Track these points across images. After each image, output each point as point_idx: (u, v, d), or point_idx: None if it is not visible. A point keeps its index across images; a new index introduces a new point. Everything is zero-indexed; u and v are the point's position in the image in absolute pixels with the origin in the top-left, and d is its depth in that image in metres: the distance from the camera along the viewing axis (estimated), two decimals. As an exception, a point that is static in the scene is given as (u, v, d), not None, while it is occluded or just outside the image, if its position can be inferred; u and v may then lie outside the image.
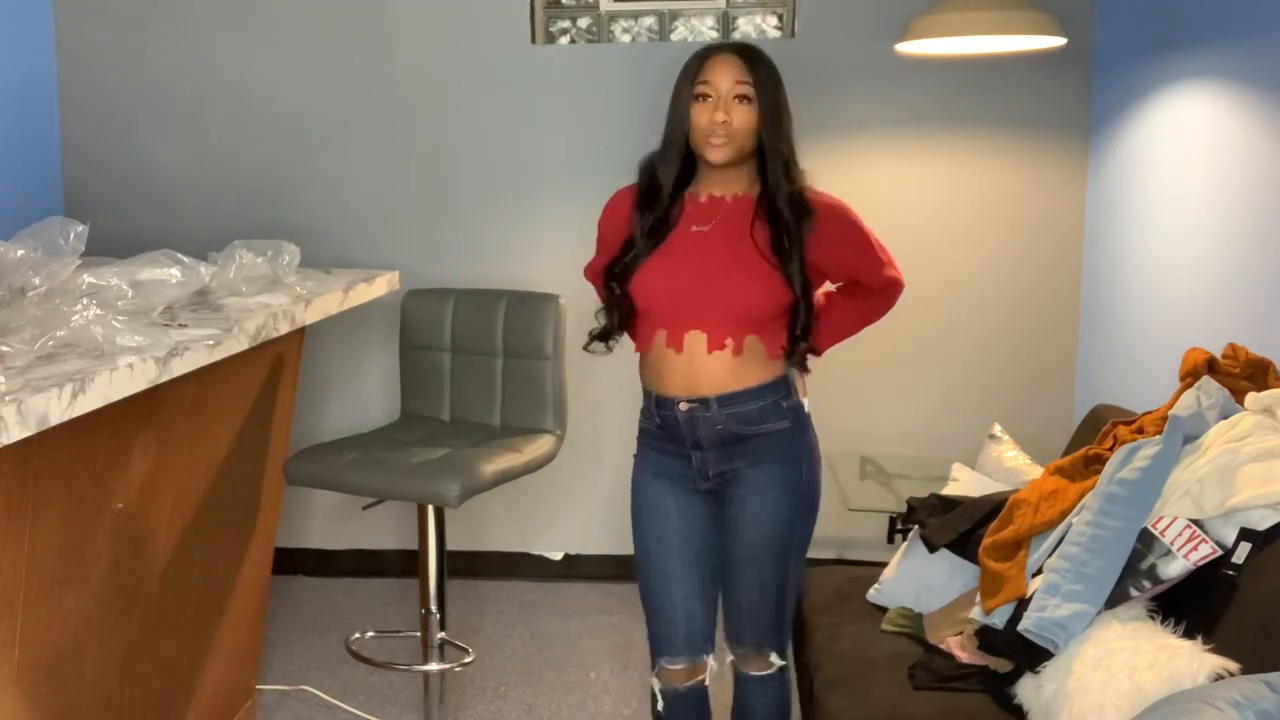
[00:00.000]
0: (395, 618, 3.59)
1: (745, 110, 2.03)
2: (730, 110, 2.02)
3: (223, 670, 2.69)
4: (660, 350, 2.12)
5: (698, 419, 2.10)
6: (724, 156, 2.04)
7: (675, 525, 2.19)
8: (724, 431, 2.10)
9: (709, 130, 2.03)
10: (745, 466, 2.12)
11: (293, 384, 2.81)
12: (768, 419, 2.10)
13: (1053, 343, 3.69)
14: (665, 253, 2.11)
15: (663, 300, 2.10)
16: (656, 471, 2.20)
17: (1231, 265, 2.62)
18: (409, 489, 2.59)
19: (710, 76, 2.04)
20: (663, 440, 2.18)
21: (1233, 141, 2.63)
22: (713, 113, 2.02)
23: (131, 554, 2.19)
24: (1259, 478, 1.85)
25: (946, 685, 2.15)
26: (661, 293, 2.10)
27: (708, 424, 2.10)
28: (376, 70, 3.74)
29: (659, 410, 2.15)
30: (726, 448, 2.12)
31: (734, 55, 2.05)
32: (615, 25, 3.70)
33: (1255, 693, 1.47)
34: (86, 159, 3.86)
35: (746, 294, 2.05)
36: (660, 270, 2.11)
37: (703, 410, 2.09)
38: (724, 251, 2.07)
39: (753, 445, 2.11)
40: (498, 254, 3.77)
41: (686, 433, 2.13)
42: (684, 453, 2.15)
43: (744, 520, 2.14)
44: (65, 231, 1.99)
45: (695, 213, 2.11)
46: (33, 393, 1.48)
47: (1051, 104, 3.57)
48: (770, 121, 2.04)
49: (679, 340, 2.09)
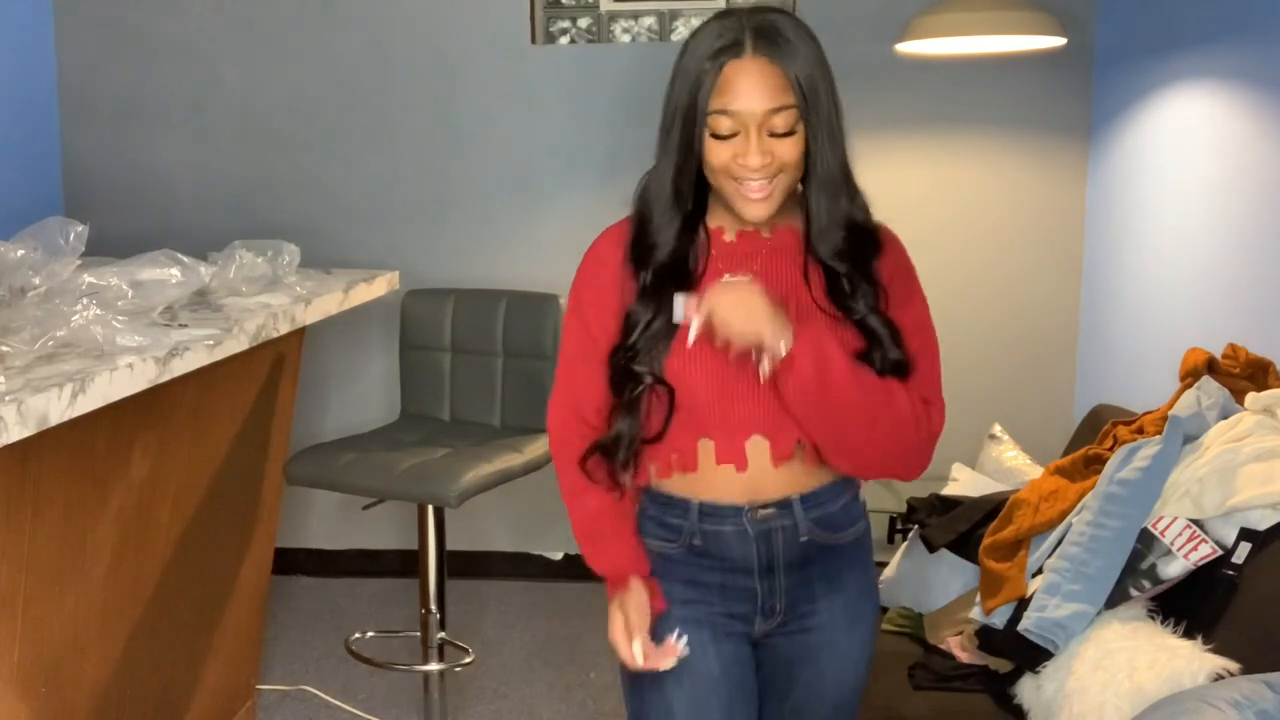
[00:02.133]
0: (395, 618, 3.59)
1: (788, 141, 1.41)
2: (768, 145, 1.40)
3: (223, 670, 2.69)
4: (708, 470, 1.51)
5: (774, 531, 1.52)
6: (767, 210, 1.44)
7: (722, 696, 1.55)
8: (808, 545, 1.53)
9: (740, 174, 1.41)
10: (824, 593, 1.57)
11: (293, 384, 2.81)
12: (851, 519, 1.58)
13: (1053, 343, 3.69)
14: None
15: (706, 394, 1.47)
16: (691, 602, 1.56)
17: (1231, 265, 2.62)
18: (409, 489, 2.58)
19: (730, 100, 1.39)
20: (696, 568, 1.55)
21: (1233, 141, 2.63)
22: (741, 154, 1.40)
23: (131, 554, 2.19)
24: (1259, 478, 1.85)
25: (946, 685, 2.15)
26: (703, 383, 1.47)
27: (789, 537, 1.52)
28: (377, 70, 3.74)
29: (703, 523, 1.52)
30: (806, 569, 1.55)
31: (762, 58, 1.40)
32: (615, 25, 3.70)
33: (1255, 693, 1.47)
34: (86, 159, 3.86)
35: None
36: (694, 349, 1.44)
37: (782, 518, 1.51)
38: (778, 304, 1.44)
39: (835, 560, 1.57)
40: (498, 254, 3.77)
41: (758, 552, 1.52)
42: (738, 584, 1.54)
43: (830, 671, 1.59)
44: (65, 231, 1.99)
45: (724, 255, 1.50)
46: (33, 393, 1.48)
47: (1051, 104, 3.57)
48: (828, 136, 1.43)
49: (738, 452, 1.49)
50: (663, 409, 1.49)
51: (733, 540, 1.52)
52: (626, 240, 1.52)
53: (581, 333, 1.56)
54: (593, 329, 1.54)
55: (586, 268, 1.57)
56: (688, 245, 1.49)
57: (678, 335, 1.45)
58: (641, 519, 1.59)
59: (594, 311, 1.54)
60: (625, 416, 1.50)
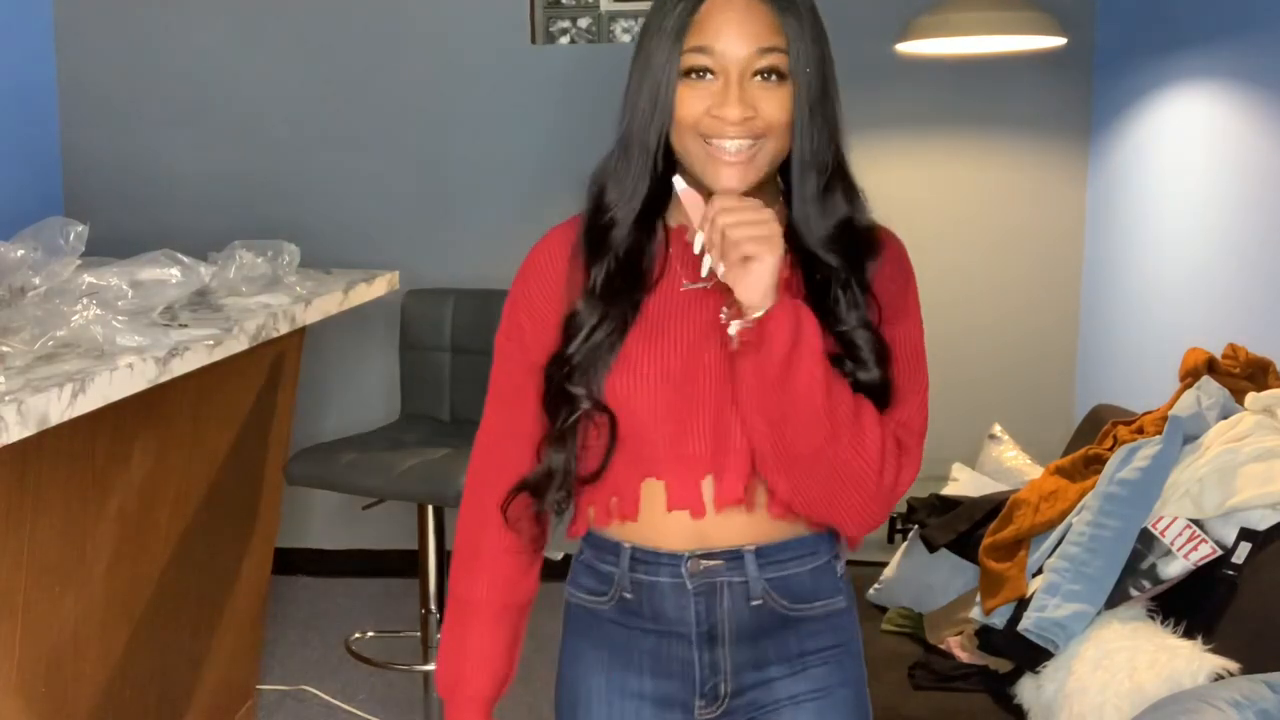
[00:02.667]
0: (395, 618, 3.58)
1: (775, 93, 1.16)
2: (751, 96, 1.15)
3: (223, 670, 2.69)
4: (656, 517, 1.24)
5: (718, 588, 1.23)
6: (744, 178, 1.16)
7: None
8: (762, 611, 1.24)
9: (712, 130, 1.15)
10: (784, 679, 1.26)
11: (293, 384, 2.80)
12: (822, 591, 1.27)
13: (1053, 343, 3.68)
14: (646, 329, 1.22)
15: (657, 421, 1.20)
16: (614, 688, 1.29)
17: (1231, 265, 2.62)
18: (409, 489, 2.58)
19: (710, 37, 1.14)
20: (627, 631, 1.27)
21: (1232, 141, 2.63)
22: (719, 103, 1.14)
23: (131, 554, 2.19)
24: (1259, 478, 1.85)
25: (946, 685, 2.15)
26: (654, 406, 1.20)
27: (735, 597, 1.23)
28: (376, 70, 3.74)
29: (634, 572, 1.25)
30: (759, 642, 1.25)
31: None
32: (615, 25, 3.70)
33: (1255, 693, 1.47)
34: (86, 159, 3.85)
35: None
36: (644, 363, 1.21)
37: (730, 572, 1.23)
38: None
39: (798, 638, 1.26)
40: (498, 254, 3.75)
41: (696, 613, 1.24)
42: (674, 653, 1.26)
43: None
44: (65, 231, 1.99)
45: (684, 260, 1.23)
46: (33, 393, 1.48)
47: (1051, 104, 3.57)
48: (812, 106, 1.18)
49: (692, 495, 1.22)
50: (602, 441, 1.22)
51: (668, 594, 1.23)
52: (574, 241, 1.27)
53: (519, 357, 1.28)
54: (532, 352, 1.27)
55: (523, 275, 1.31)
56: (644, 241, 1.24)
57: (623, 352, 1.20)
58: (575, 565, 1.33)
59: (534, 332, 1.27)
60: (558, 448, 1.23)
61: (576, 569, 1.32)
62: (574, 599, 1.32)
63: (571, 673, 1.34)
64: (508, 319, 1.31)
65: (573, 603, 1.33)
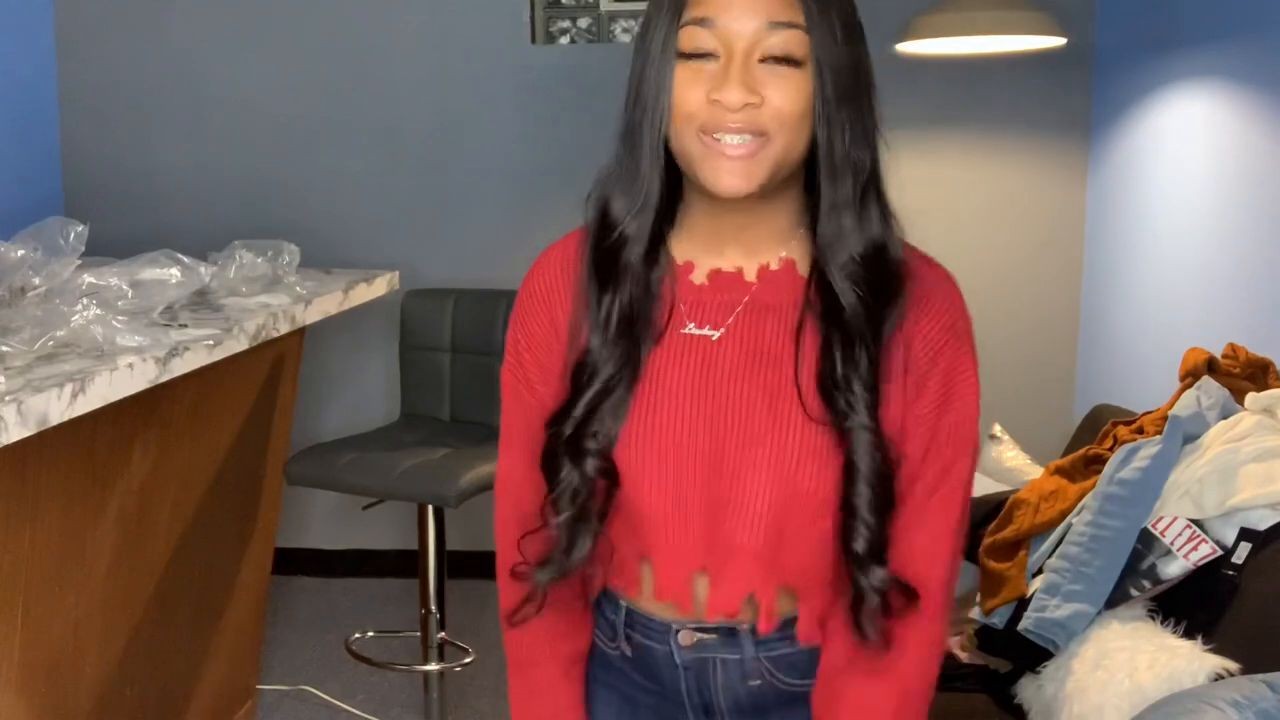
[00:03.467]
0: (395, 618, 3.59)
1: (788, 80, 0.99)
2: (756, 80, 0.98)
3: (223, 670, 2.69)
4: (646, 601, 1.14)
5: (710, 664, 1.13)
6: (746, 181, 0.99)
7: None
8: (762, 690, 1.14)
9: (710, 121, 0.98)
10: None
11: (293, 384, 2.80)
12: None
13: (1053, 343, 3.68)
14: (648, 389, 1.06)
15: (657, 499, 1.05)
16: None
17: (1231, 265, 2.62)
18: (409, 489, 2.58)
19: (712, 8, 0.98)
20: (631, 683, 1.20)
21: (1232, 141, 2.63)
22: (718, 86, 0.97)
23: (131, 554, 2.19)
24: (1259, 478, 1.85)
25: (946, 685, 2.15)
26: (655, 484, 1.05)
27: (730, 675, 1.13)
28: (376, 70, 3.74)
29: (630, 631, 1.16)
30: (763, 717, 1.17)
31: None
32: (615, 25, 3.70)
33: (1255, 693, 1.47)
34: (86, 159, 3.85)
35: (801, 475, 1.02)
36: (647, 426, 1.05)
37: (725, 649, 1.12)
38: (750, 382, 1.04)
39: (804, 715, 1.13)
40: (498, 254, 3.76)
41: (687, 686, 1.15)
42: (674, 714, 1.19)
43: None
44: (65, 231, 1.99)
45: (692, 302, 1.08)
46: (33, 393, 1.48)
47: (1051, 104, 3.57)
48: (839, 97, 1.02)
49: (680, 588, 1.09)
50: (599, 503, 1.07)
51: (661, 663, 1.14)
52: (574, 260, 1.12)
53: (527, 397, 1.14)
54: (537, 387, 1.13)
55: (520, 309, 1.16)
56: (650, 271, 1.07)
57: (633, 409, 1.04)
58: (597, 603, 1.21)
59: (537, 368, 1.13)
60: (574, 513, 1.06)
61: (596, 604, 1.21)
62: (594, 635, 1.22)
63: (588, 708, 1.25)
64: (510, 354, 1.16)
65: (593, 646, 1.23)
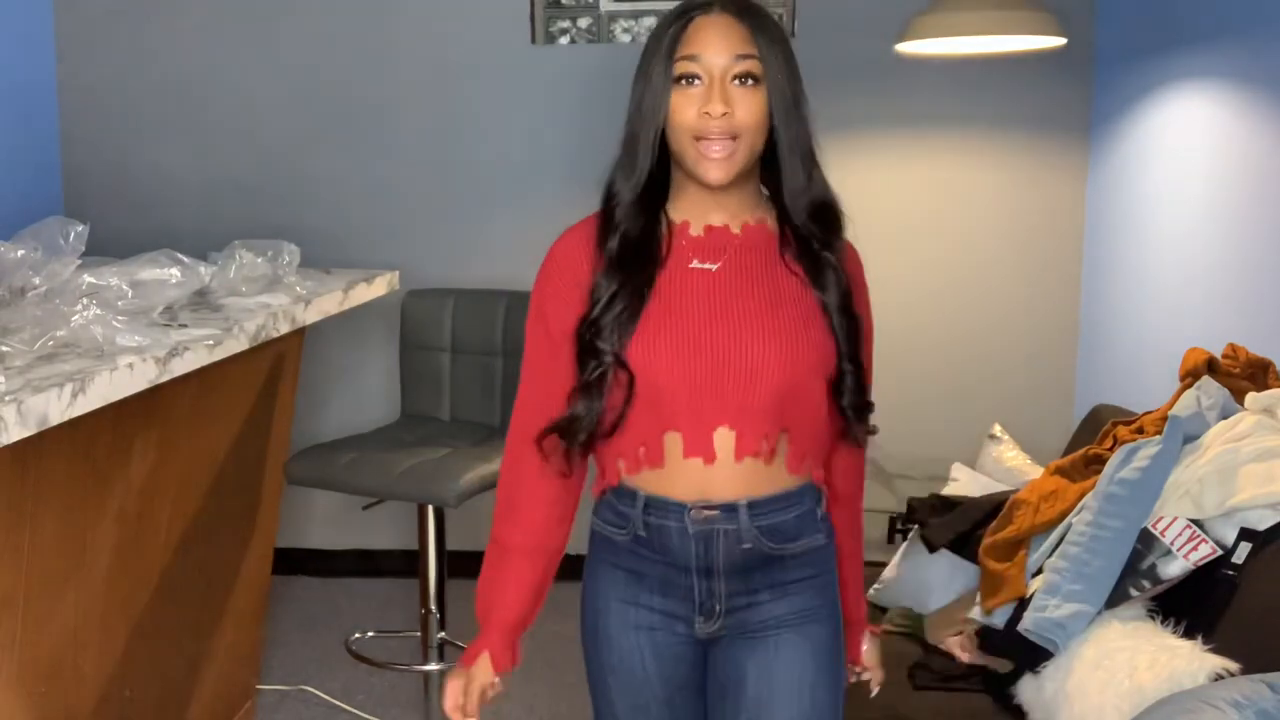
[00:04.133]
0: (395, 618, 3.59)
1: (750, 96, 1.41)
2: (729, 97, 1.40)
3: (223, 670, 2.69)
4: (675, 464, 1.46)
5: (714, 534, 1.46)
6: (725, 175, 1.42)
7: (659, 697, 1.55)
8: (751, 552, 1.48)
9: (700, 129, 1.40)
10: (770, 601, 1.51)
11: (293, 384, 2.81)
12: (804, 532, 1.51)
13: (1053, 343, 3.69)
14: (661, 304, 1.45)
15: (675, 382, 1.42)
16: (629, 599, 1.54)
17: (1231, 265, 2.62)
18: (409, 489, 2.59)
19: (697, 48, 1.41)
20: (640, 559, 1.52)
21: (1232, 141, 2.63)
22: (704, 102, 1.40)
23: (131, 554, 2.19)
24: (1259, 478, 1.85)
25: (946, 685, 2.15)
26: (671, 369, 1.42)
27: (729, 542, 1.47)
28: (376, 70, 3.74)
29: (647, 516, 1.49)
30: (749, 574, 1.50)
31: (728, 15, 1.43)
32: (615, 25, 3.70)
33: (1255, 693, 1.47)
34: (86, 159, 3.86)
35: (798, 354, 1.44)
36: (661, 332, 1.44)
37: (725, 521, 1.46)
38: (751, 296, 1.45)
39: (782, 569, 1.50)
40: (498, 254, 3.76)
41: (695, 552, 1.48)
42: (676, 580, 1.51)
43: (779, 670, 1.50)
44: (65, 231, 1.99)
45: (692, 246, 1.48)
46: (33, 393, 1.48)
47: (1051, 104, 3.57)
48: (787, 107, 1.43)
49: (705, 444, 1.44)
50: (621, 397, 1.44)
51: (673, 536, 1.48)
52: (591, 234, 1.50)
53: (544, 338, 1.51)
54: (553, 332, 1.49)
55: (545, 268, 1.53)
56: (651, 226, 1.47)
57: (643, 320, 1.43)
58: (599, 505, 1.56)
59: (555, 313, 1.49)
60: (584, 398, 1.45)
61: (601, 506, 1.56)
62: (598, 528, 1.57)
63: (595, 586, 1.59)
64: (534, 307, 1.53)
65: (597, 531, 1.57)
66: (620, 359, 1.42)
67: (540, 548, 1.58)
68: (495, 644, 1.59)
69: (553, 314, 1.50)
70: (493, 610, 1.60)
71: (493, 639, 1.59)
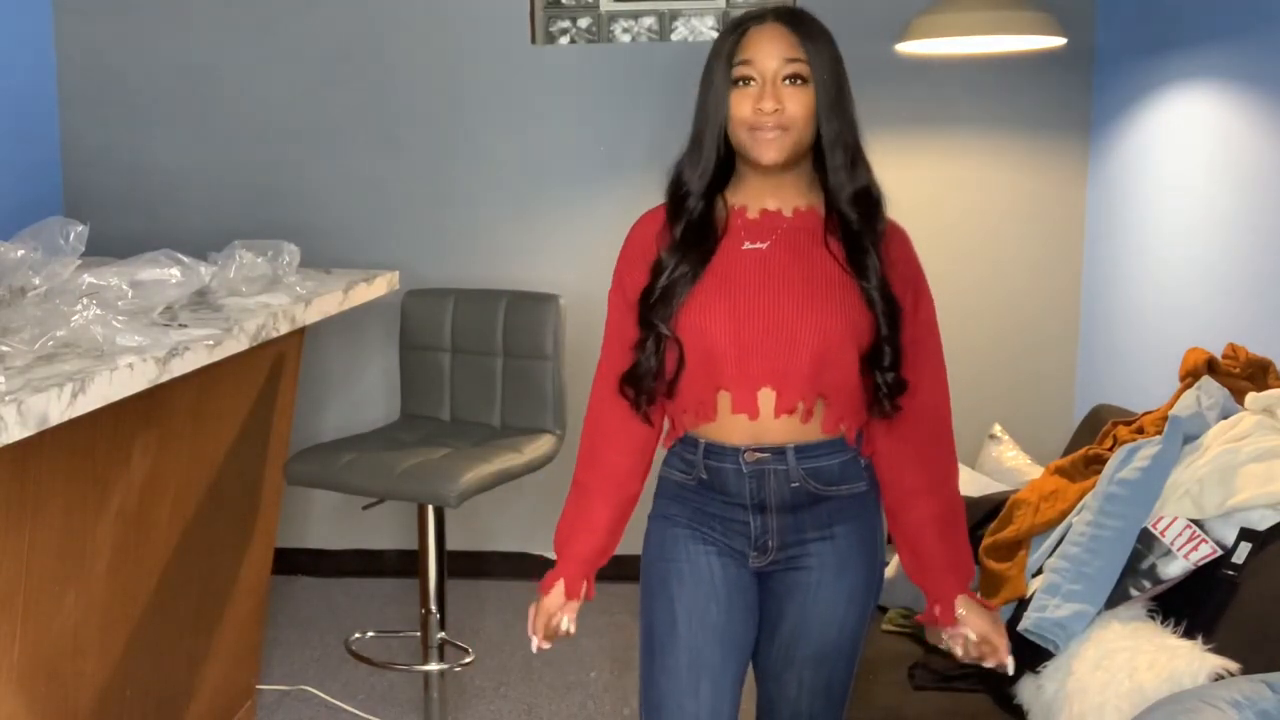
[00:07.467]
0: (395, 618, 3.59)
1: (799, 94, 1.61)
2: (780, 95, 1.61)
3: (223, 670, 2.69)
4: (725, 418, 1.68)
5: (766, 473, 1.67)
6: (778, 155, 1.62)
7: (721, 598, 1.71)
8: (800, 490, 1.68)
9: (754, 122, 1.61)
10: (817, 539, 1.71)
11: (293, 384, 2.81)
12: (848, 478, 1.70)
13: (1053, 343, 3.69)
14: (717, 278, 1.66)
15: (725, 345, 1.63)
16: (693, 532, 1.74)
17: (1231, 265, 2.62)
18: (409, 489, 2.58)
19: (752, 54, 1.62)
20: (704, 499, 1.73)
21: (1232, 141, 2.63)
22: (758, 100, 1.60)
23: (131, 554, 2.19)
24: (1259, 478, 1.85)
25: (946, 685, 2.15)
26: (723, 334, 1.63)
27: (779, 480, 1.67)
28: (377, 70, 3.74)
29: (707, 460, 1.70)
30: (798, 513, 1.70)
31: (780, 25, 1.63)
32: (615, 25, 3.70)
33: (1255, 693, 1.47)
34: (86, 159, 3.86)
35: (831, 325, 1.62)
36: (716, 302, 1.65)
37: (775, 462, 1.66)
38: (794, 272, 1.64)
39: (828, 511, 1.71)
40: (498, 254, 3.77)
41: (750, 489, 1.69)
42: (735, 517, 1.71)
43: (815, 609, 1.72)
44: (65, 231, 2.00)
45: (746, 227, 1.68)
46: (33, 393, 1.48)
47: (1051, 104, 3.57)
48: (830, 104, 1.63)
49: (750, 402, 1.65)
50: (674, 358, 1.66)
51: (731, 476, 1.69)
52: (660, 217, 1.71)
53: (621, 302, 1.74)
54: (629, 297, 1.71)
55: (624, 246, 1.77)
56: (710, 210, 1.68)
57: (699, 292, 1.63)
58: (669, 456, 1.78)
59: (630, 283, 1.72)
60: (642, 352, 1.68)
61: (670, 456, 1.78)
62: (667, 474, 1.78)
63: (662, 522, 1.77)
64: (616, 278, 1.76)
65: (665, 477, 1.79)
66: (666, 329, 1.65)
67: (617, 489, 1.76)
68: (570, 573, 1.76)
69: (629, 283, 1.72)
70: (570, 543, 1.77)
71: (569, 569, 1.77)
